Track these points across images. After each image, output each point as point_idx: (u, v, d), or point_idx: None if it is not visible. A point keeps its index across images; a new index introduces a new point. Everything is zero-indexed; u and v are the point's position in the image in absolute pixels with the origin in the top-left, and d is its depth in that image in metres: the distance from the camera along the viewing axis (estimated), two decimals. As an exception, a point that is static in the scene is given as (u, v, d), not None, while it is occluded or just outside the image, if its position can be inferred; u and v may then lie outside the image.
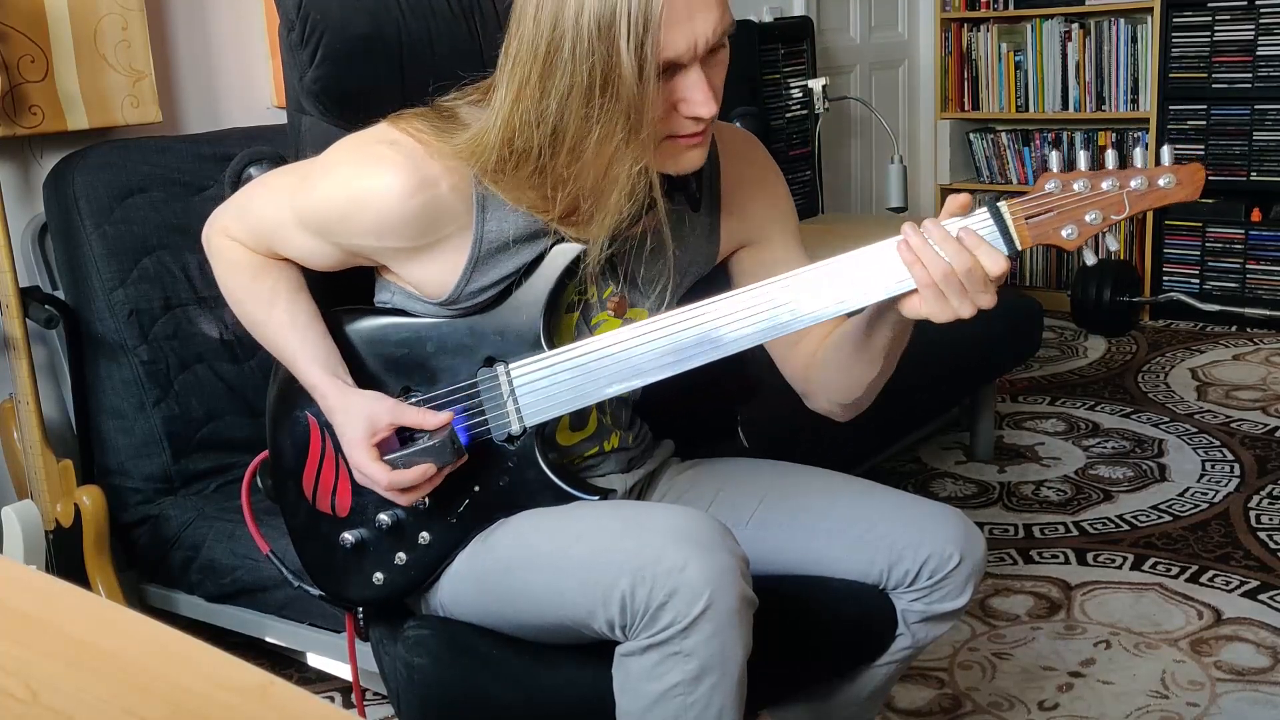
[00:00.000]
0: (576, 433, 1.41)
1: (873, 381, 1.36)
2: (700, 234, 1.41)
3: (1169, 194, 1.19)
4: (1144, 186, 1.19)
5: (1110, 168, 1.20)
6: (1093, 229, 1.19)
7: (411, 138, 1.27)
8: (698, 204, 1.38)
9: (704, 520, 1.24)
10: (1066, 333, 4.42)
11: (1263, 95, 4.22)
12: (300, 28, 1.43)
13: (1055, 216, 1.20)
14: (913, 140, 4.98)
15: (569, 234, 1.30)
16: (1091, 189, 1.19)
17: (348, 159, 1.30)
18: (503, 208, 1.29)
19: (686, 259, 1.41)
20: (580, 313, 1.38)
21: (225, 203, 1.42)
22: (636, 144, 1.18)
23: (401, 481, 1.28)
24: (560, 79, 1.16)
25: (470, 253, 1.30)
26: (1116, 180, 1.19)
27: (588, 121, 1.17)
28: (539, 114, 1.19)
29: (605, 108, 1.16)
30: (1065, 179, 1.20)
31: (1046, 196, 1.20)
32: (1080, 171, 1.20)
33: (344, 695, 2.19)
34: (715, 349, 1.27)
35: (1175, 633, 2.31)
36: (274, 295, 1.37)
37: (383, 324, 1.38)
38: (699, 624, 1.17)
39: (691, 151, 1.25)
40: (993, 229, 1.20)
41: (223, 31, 2.68)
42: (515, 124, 1.21)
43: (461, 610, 1.38)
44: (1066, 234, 1.19)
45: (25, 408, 2.14)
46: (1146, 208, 1.20)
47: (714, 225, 1.42)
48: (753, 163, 1.46)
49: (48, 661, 0.76)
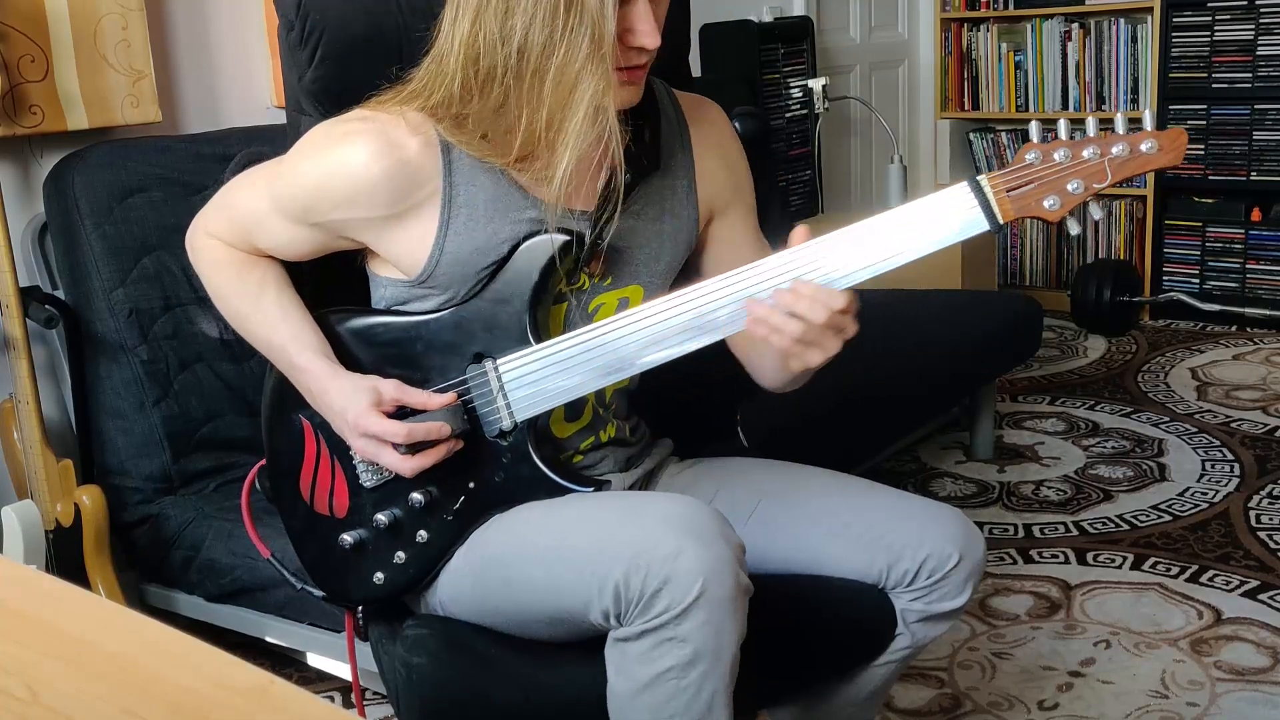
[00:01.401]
0: (572, 424, 1.42)
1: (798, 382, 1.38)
2: (682, 197, 1.42)
3: (1151, 159, 1.17)
4: (1126, 153, 1.17)
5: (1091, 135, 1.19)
6: (1075, 199, 1.18)
7: (384, 112, 1.29)
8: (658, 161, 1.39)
9: (700, 508, 1.24)
10: (1066, 333, 4.42)
11: (1263, 95, 4.22)
12: (299, 28, 1.43)
13: (1037, 188, 1.19)
14: (912, 140, 4.98)
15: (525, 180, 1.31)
16: (1073, 158, 1.18)
17: (318, 139, 1.33)
18: (474, 170, 1.30)
19: (670, 225, 1.42)
20: (573, 300, 1.38)
21: (205, 206, 1.43)
22: (599, 63, 1.19)
23: (417, 434, 1.28)
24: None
25: (440, 214, 1.30)
26: (1098, 148, 1.17)
27: (553, 40, 1.19)
28: (503, 32, 1.20)
29: (569, 25, 1.18)
30: (1045, 149, 1.18)
31: (1027, 168, 1.19)
32: (1060, 140, 1.18)
33: (344, 695, 2.19)
34: (704, 333, 1.27)
35: (1175, 633, 2.31)
36: (261, 288, 1.38)
37: (371, 323, 1.38)
38: (693, 610, 1.17)
39: (629, 87, 1.27)
40: (974, 204, 1.19)
41: (222, 31, 2.68)
42: (480, 45, 1.22)
43: (461, 608, 1.38)
44: (1049, 205, 1.18)
45: (25, 408, 2.14)
46: (1129, 174, 1.18)
47: (690, 188, 1.43)
48: (715, 127, 1.47)
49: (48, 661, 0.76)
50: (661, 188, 1.40)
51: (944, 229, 1.21)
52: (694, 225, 1.44)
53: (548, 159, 1.27)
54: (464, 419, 1.32)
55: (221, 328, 2.34)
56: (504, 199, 1.32)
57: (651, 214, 1.40)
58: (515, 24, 1.19)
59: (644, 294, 1.40)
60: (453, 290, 1.34)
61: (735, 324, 1.26)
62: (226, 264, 1.39)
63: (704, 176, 1.44)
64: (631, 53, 1.24)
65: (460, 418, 1.32)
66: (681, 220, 1.43)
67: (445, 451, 1.31)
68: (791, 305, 1.20)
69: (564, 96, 1.21)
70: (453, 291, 1.34)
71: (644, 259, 1.40)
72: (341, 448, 1.38)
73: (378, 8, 1.46)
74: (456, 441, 1.32)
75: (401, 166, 1.28)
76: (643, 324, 1.28)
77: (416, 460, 1.30)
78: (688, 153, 1.43)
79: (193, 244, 1.43)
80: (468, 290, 1.34)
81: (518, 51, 1.20)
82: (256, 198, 1.36)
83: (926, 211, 1.21)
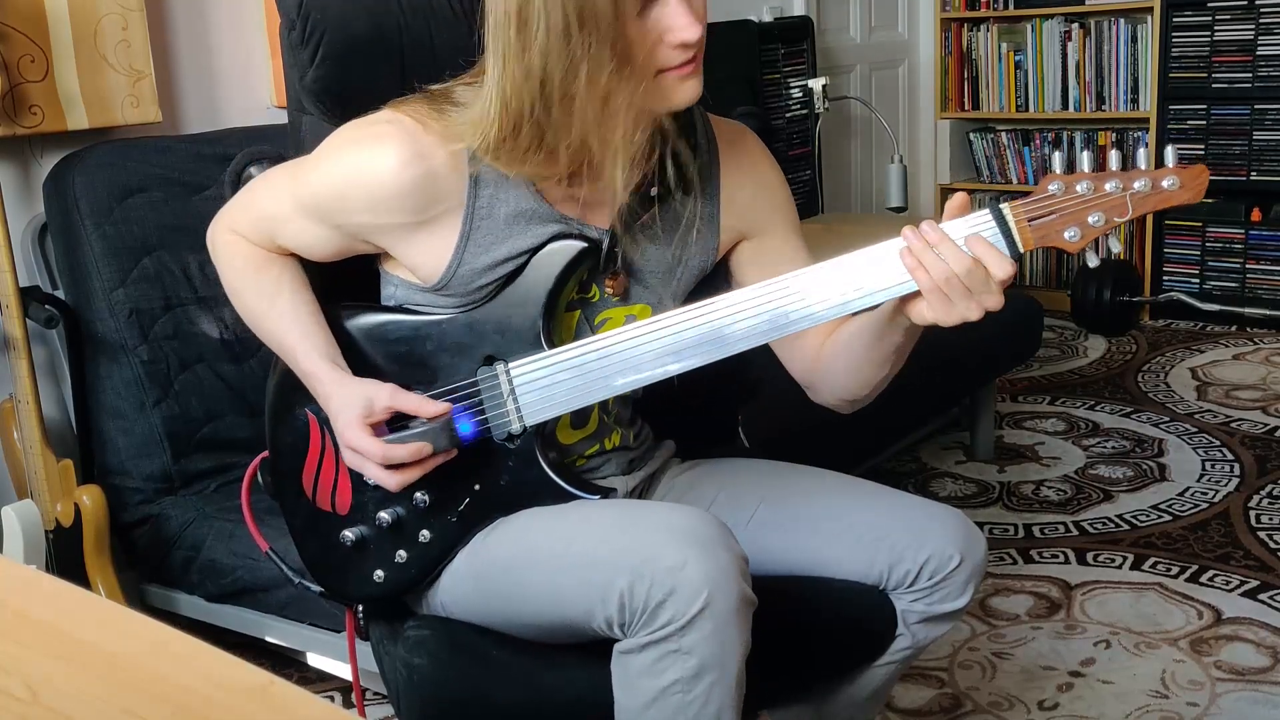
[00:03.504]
0: (578, 431, 1.41)
1: (880, 381, 1.36)
2: (701, 225, 1.41)
3: (1172, 196, 1.18)
4: (1148, 188, 1.18)
5: (1113, 169, 1.19)
6: (1096, 231, 1.19)
7: (410, 118, 1.28)
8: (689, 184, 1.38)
9: (704, 519, 1.23)
10: (1066, 332, 4.42)
11: (1263, 95, 4.22)
12: (300, 27, 1.43)
13: (1058, 219, 1.19)
14: (913, 140, 4.98)
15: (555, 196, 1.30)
16: (1094, 191, 1.18)
17: (346, 140, 1.31)
18: (499, 185, 1.30)
19: (689, 252, 1.41)
20: (582, 311, 1.38)
21: (229, 202, 1.43)
22: (630, 72, 1.18)
23: (394, 456, 1.28)
24: (536, 28, 1.17)
25: (462, 228, 1.30)
26: (1120, 182, 1.18)
27: (572, 61, 1.17)
28: (525, 70, 1.20)
29: (586, 42, 1.16)
30: (1068, 180, 1.19)
31: (1049, 198, 1.19)
32: (1083, 173, 1.19)
33: (344, 695, 2.19)
34: (718, 348, 1.27)
35: (1175, 632, 2.31)
36: (277, 288, 1.37)
37: (383, 321, 1.38)
38: (697, 622, 1.17)
39: (687, 82, 1.24)
40: (995, 231, 1.19)
41: (223, 32, 2.68)
42: (508, 90, 1.22)
43: (461, 609, 1.38)
44: (1069, 236, 1.19)
45: (25, 408, 2.14)
46: (1150, 209, 1.19)
47: (714, 215, 1.42)
48: (747, 152, 1.45)
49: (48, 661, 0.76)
50: (683, 211, 1.39)
51: None
52: (712, 252, 1.43)
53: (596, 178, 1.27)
54: (450, 437, 1.31)
55: (222, 328, 2.34)
56: (527, 213, 1.31)
57: (668, 237, 1.39)
58: (534, 58, 1.18)
59: (652, 314, 1.39)
60: (466, 297, 1.34)
61: (750, 339, 1.26)
62: (245, 261, 1.39)
63: (732, 202, 1.42)
64: (676, 51, 1.21)
65: (450, 434, 1.30)
66: (698, 246, 1.41)
67: (431, 466, 1.31)
68: (943, 246, 1.18)
69: (598, 112, 1.20)
70: (466, 298, 1.34)
71: (655, 280, 1.39)
72: (345, 444, 1.38)
73: (379, 7, 1.46)
74: (449, 452, 1.31)
75: (428, 176, 1.27)
76: (658, 335, 1.28)
77: (399, 476, 1.29)
78: (715, 179, 1.42)
79: (214, 239, 1.42)
80: (482, 294, 1.34)
81: (541, 85, 1.20)
82: (279, 197, 1.35)
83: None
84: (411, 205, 1.28)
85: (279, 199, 1.35)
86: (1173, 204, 1.18)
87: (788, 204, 1.48)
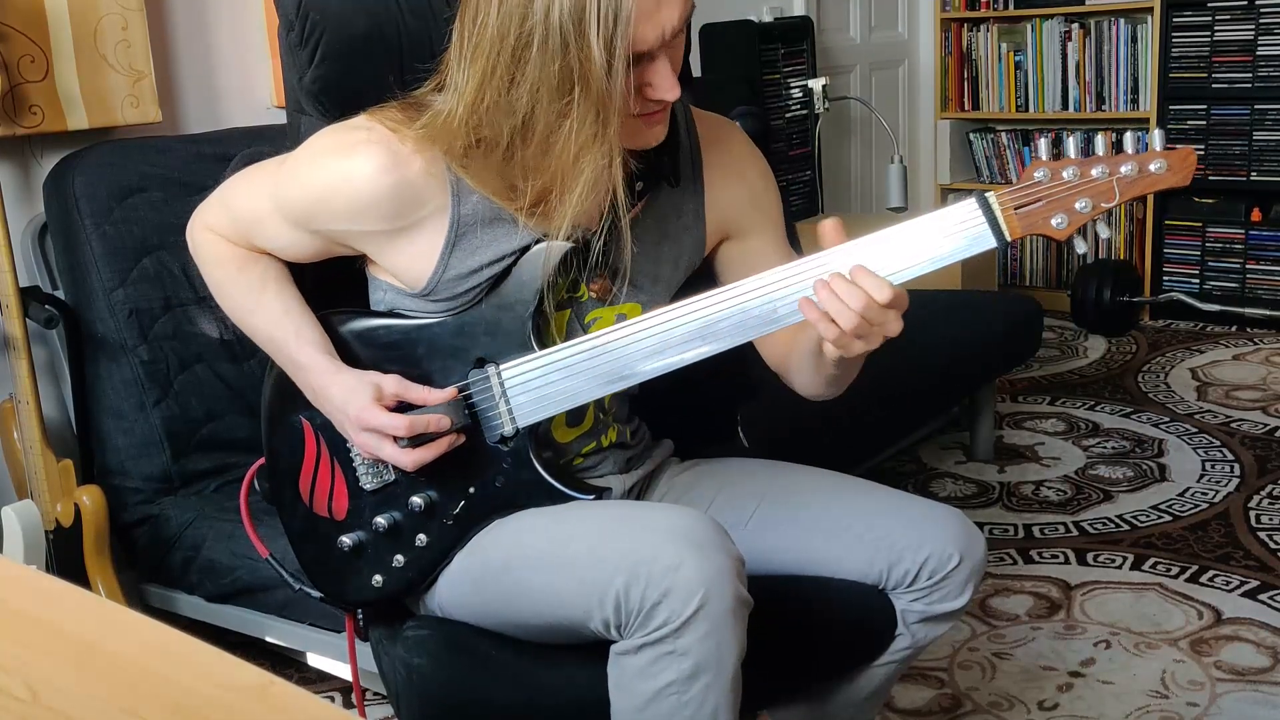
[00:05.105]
0: (573, 429, 1.41)
1: (838, 385, 1.37)
2: (688, 221, 1.41)
3: (1160, 179, 1.17)
4: (1134, 172, 1.17)
5: (1100, 154, 1.19)
6: (1083, 218, 1.18)
7: (385, 125, 1.28)
8: (677, 178, 1.38)
9: (700, 520, 1.23)
10: (1066, 333, 4.42)
11: (1263, 95, 4.22)
12: (300, 28, 1.43)
13: (1044, 206, 1.18)
14: (913, 140, 4.98)
15: (530, 225, 1.30)
16: (1081, 176, 1.18)
17: (324, 147, 1.31)
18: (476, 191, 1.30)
19: (677, 249, 1.41)
20: (572, 310, 1.38)
21: (207, 199, 1.42)
22: (605, 137, 1.18)
23: (419, 425, 1.28)
24: (530, 72, 1.17)
25: (448, 234, 1.30)
26: (1106, 167, 1.17)
27: (559, 116, 1.18)
28: (508, 105, 1.19)
29: (576, 102, 1.16)
30: (1054, 167, 1.18)
31: (1035, 185, 1.19)
32: (1069, 159, 1.18)
33: (344, 695, 2.19)
34: (704, 343, 1.27)
35: (1175, 633, 2.31)
36: (263, 284, 1.37)
37: (374, 325, 1.38)
38: (693, 623, 1.17)
39: (655, 128, 1.27)
40: (981, 221, 1.19)
41: (222, 31, 2.68)
42: (481, 113, 1.22)
43: (459, 611, 1.38)
44: (1056, 223, 1.18)
45: (25, 408, 2.14)
46: (1137, 194, 1.18)
47: (699, 211, 1.42)
48: (730, 150, 1.45)
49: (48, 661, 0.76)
50: (667, 209, 1.39)
51: (950, 245, 1.21)
52: (698, 248, 1.43)
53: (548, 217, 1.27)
54: (465, 414, 1.32)
55: (222, 328, 2.34)
56: (506, 220, 1.31)
57: (653, 235, 1.39)
58: (521, 96, 1.18)
59: (642, 312, 1.39)
60: (453, 301, 1.34)
61: (739, 334, 1.26)
62: (227, 259, 1.39)
63: (716, 199, 1.42)
64: (652, 103, 1.23)
65: (461, 412, 1.32)
66: (684, 243, 1.42)
67: (446, 446, 1.31)
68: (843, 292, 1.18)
69: (567, 166, 1.20)
70: (453, 302, 1.34)
71: (642, 279, 1.39)
72: (342, 449, 1.38)
73: (378, 8, 1.46)
74: (458, 436, 1.32)
75: (405, 183, 1.27)
76: (647, 332, 1.28)
77: (418, 454, 1.29)
78: (698, 176, 1.42)
79: (193, 238, 1.42)
80: (470, 297, 1.33)
81: (523, 123, 1.20)
82: (258, 198, 1.35)
83: (933, 227, 1.21)
84: (389, 212, 1.28)
85: (258, 202, 1.35)
86: (1160, 187, 1.17)
87: (773, 205, 1.47)
